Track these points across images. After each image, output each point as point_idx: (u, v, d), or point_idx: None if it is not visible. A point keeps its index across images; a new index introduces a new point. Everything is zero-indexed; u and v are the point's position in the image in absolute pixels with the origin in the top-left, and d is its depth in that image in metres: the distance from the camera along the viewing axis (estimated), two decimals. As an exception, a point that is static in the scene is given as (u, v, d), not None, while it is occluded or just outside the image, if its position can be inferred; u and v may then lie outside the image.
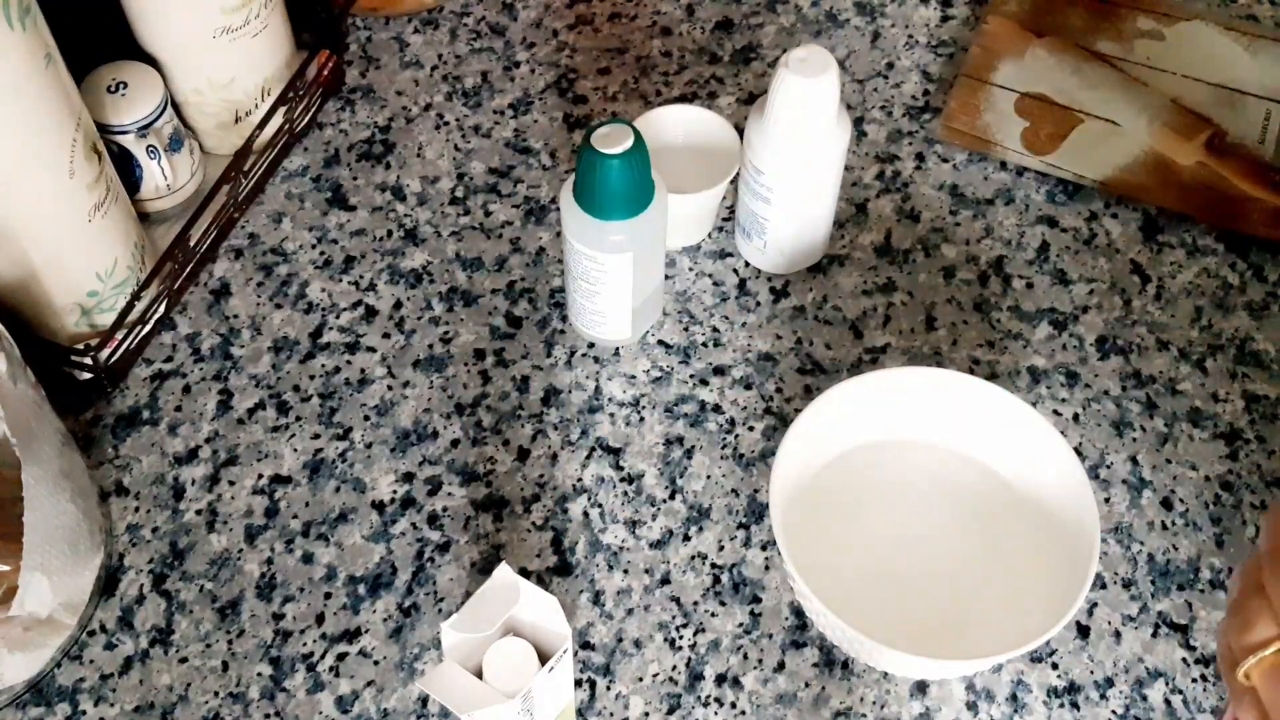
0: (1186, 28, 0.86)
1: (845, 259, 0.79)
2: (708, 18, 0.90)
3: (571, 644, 0.56)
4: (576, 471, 0.71)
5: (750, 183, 0.73)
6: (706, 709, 0.64)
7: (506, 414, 0.73)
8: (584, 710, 0.64)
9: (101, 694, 0.64)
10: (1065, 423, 0.72)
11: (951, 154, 0.83)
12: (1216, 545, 0.68)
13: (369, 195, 0.82)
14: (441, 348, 0.76)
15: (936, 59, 0.88)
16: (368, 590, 0.67)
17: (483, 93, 0.87)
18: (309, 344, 0.76)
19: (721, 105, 0.86)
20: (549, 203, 0.82)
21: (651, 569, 0.68)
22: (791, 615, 0.66)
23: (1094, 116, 0.83)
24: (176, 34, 0.75)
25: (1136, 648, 0.65)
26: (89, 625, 0.66)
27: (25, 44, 0.60)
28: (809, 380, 0.74)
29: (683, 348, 0.75)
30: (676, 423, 0.73)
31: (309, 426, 0.73)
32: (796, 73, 0.67)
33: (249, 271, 0.79)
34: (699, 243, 0.79)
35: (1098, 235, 0.80)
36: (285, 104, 0.81)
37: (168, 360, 0.75)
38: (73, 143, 0.65)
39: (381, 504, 0.70)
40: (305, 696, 0.64)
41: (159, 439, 0.72)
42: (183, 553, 0.69)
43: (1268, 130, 0.81)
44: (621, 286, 0.70)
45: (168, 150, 0.76)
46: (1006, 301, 0.77)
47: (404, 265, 0.79)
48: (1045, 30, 0.87)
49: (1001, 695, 0.64)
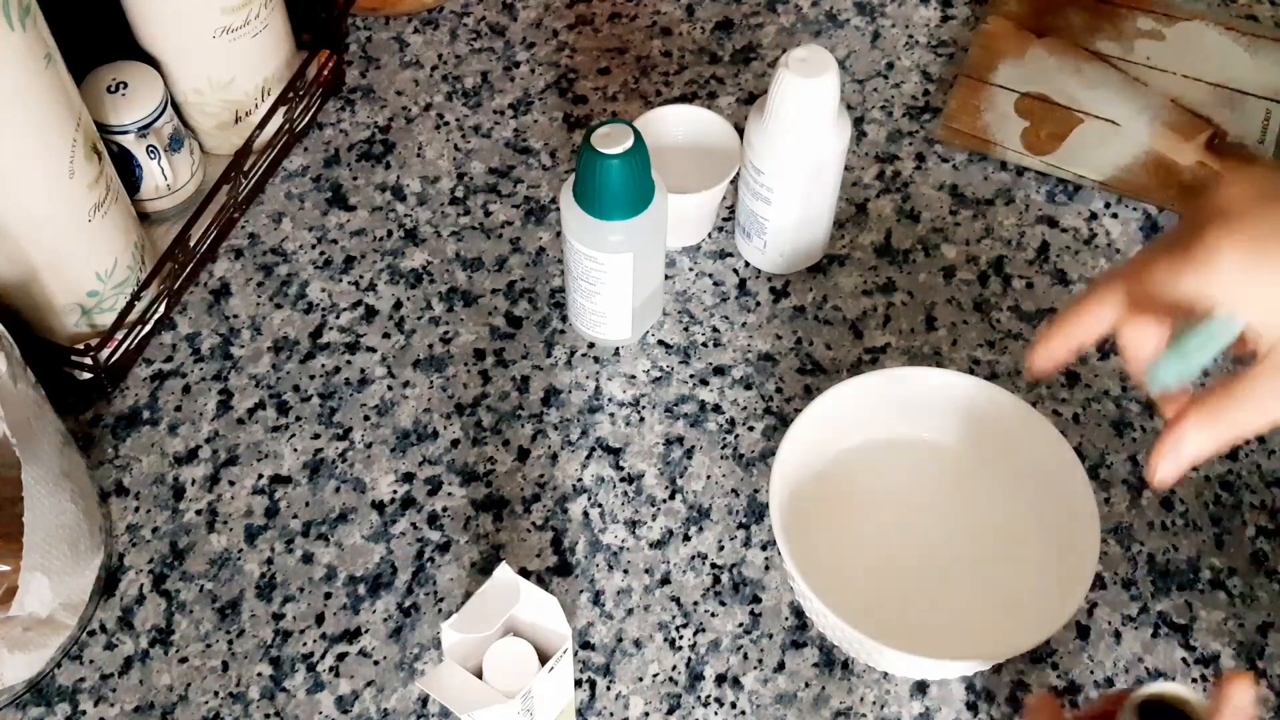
0: (1186, 27, 0.86)
1: (845, 259, 0.79)
2: (708, 18, 0.91)
3: (571, 644, 0.56)
4: (576, 471, 0.71)
5: (750, 183, 0.73)
6: (706, 709, 0.64)
7: (506, 414, 0.73)
8: (584, 710, 0.64)
9: (101, 694, 0.64)
10: (1065, 423, 0.72)
11: (951, 154, 0.83)
12: (1216, 545, 0.68)
13: (369, 195, 0.82)
14: (441, 348, 0.76)
15: (936, 59, 0.88)
16: (368, 590, 0.67)
17: (483, 93, 0.87)
18: (309, 344, 0.76)
19: (721, 105, 0.86)
20: (549, 203, 0.82)
21: (651, 569, 0.68)
22: (791, 615, 0.66)
23: (1094, 116, 0.83)
24: (176, 34, 0.75)
25: (1136, 648, 0.65)
26: (89, 625, 0.66)
27: (25, 44, 0.60)
28: (809, 380, 0.74)
29: (683, 348, 0.75)
30: (676, 423, 0.73)
31: (309, 426, 0.73)
32: (796, 73, 0.67)
33: (249, 271, 0.79)
34: (699, 243, 0.79)
35: (1098, 235, 0.80)
36: (285, 104, 0.81)
37: (168, 360, 0.75)
38: (73, 143, 0.65)
39: (381, 504, 0.70)
40: (305, 696, 0.64)
41: (159, 439, 0.72)
42: (183, 553, 0.69)
43: (1268, 130, 0.81)
44: (621, 286, 0.70)
45: (168, 150, 0.76)
46: (1006, 301, 0.77)
47: (404, 265, 0.79)
48: (1045, 30, 0.87)
49: (1001, 695, 0.64)
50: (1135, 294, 0.52)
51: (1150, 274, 0.50)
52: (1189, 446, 0.50)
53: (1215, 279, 0.48)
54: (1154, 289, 0.50)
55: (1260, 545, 0.68)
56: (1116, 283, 0.52)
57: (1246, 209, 0.49)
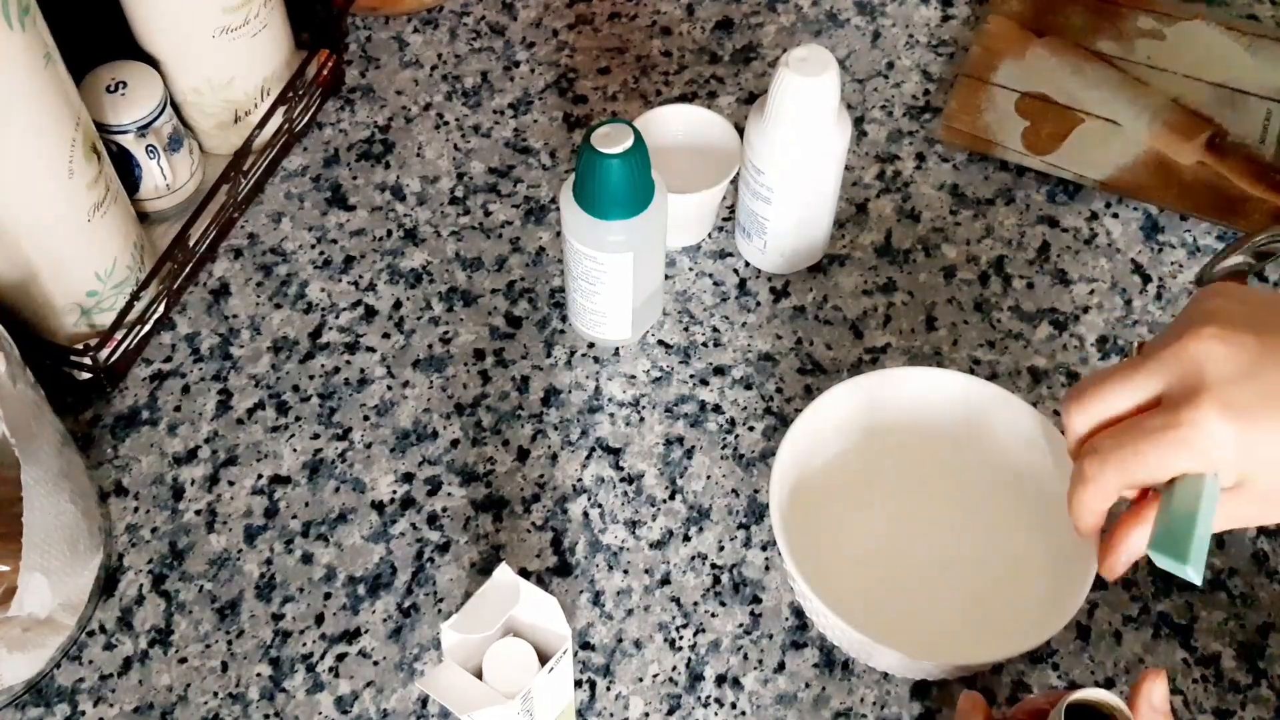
0: (1187, 27, 0.86)
1: (845, 259, 0.79)
2: (708, 18, 0.90)
3: (571, 644, 0.56)
4: (576, 471, 0.71)
5: (750, 183, 0.73)
6: (706, 709, 0.64)
7: (506, 414, 0.73)
8: (584, 710, 0.64)
9: (101, 694, 0.64)
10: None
11: (952, 154, 0.83)
12: (1217, 545, 0.68)
13: (369, 195, 0.82)
14: (441, 348, 0.76)
15: (937, 59, 0.88)
16: (367, 590, 0.67)
17: (483, 92, 0.87)
18: (308, 344, 0.76)
19: (721, 105, 0.86)
20: (549, 203, 0.82)
21: (651, 569, 0.68)
22: (791, 615, 0.66)
23: (1094, 116, 0.83)
24: (176, 34, 0.75)
25: (1136, 648, 0.65)
26: (88, 625, 0.66)
27: (25, 44, 0.60)
28: (809, 380, 0.74)
29: (683, 348, 0.75)
30: (676, 423, 0.73)
31: (308, 426, 0.73)
32: (796, 72, 0.67)
33: (248, 271, 0.79)
34: (699, 243, 0.79)
35: (1098, 235, 0.80)
36: (285, 104, 0.81)
37: (167, 360, 0.75)
38: (72, 142, 0.65)
39: (381, 504, 0.70)
40: (305, 697, 0.64)
41: (158, 439, 0.72)
42: (182, 553, 0.69)
43: (1268, 130, 0.81)
44: (621, 286, 0.70)
45: (167, 150, 0.76)
46: (1007, 301, 0.77)
47: (404, 265, 0.79)
48: (1046, 30, 0.87)
49: (1002, 695, 0.64)
50: (1128, 482, 0.51)
51: (1142, 461, 0.49)
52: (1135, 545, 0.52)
53: (1213, 456, 0.48)
54: (1147, 475, 0.50)
55: (1260, 545, 0.68)
56: (1110, 476, 0.51)
57: (1232, 377, 0.48)
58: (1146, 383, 0.50)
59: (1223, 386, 0.48)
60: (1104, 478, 0.51)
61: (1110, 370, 0.52)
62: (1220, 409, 0.48)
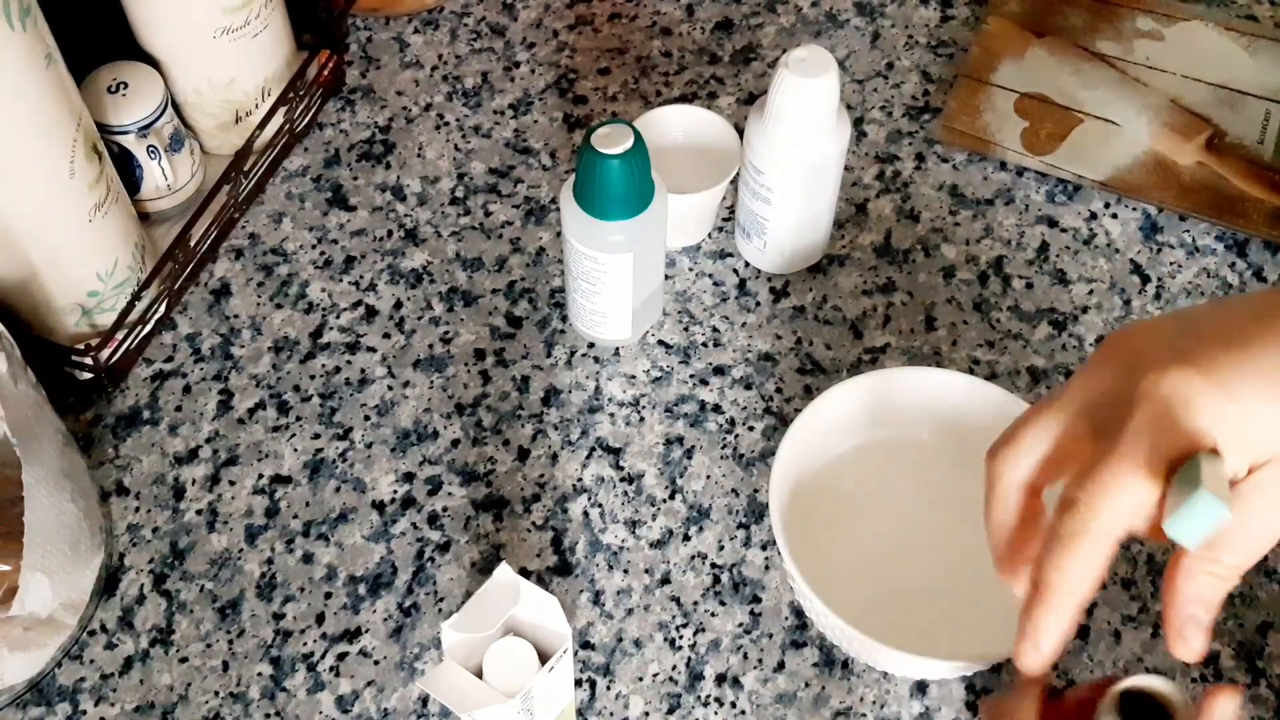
0: (1186, 28, 0.87)
1: (845, 259, 0.79)
2: (708, 18, 0.91)
3: (571, 644, 0.56)
4: (576, 471, 0.71)
5: (750, 183, 0.73)
6: (706, 709, 0.64)
7: (506, 414, 0.73)
8: (584, 710, 0.64)
9: (102, 694, 0.64)
10: (1065, 423, 0.72)
11: (951, 154, 0.83)
12: (1216, 545, 0.68)
13: (369, 195, 0.82)
14: (441, 348, 0.76)
15: (936, 59, 0.88)
16: (368, 590, 0.67)
17: (483, 93, 0.87)
18: (309, 344, 0.76)
19: (721, 105, 0.86)
20: (549, 203, 0.82)
21: (651, 569, 0.68)
22: (791, 615, 0.66)
23: (1094, 116, 0.83)
24: (177, 34, 0.75)
25: (1136, 648, 0.65)
26: (89, 625, 0.66)
27: (25, 44, 0.60)
28: (809, 380, 0.74)
29: (683, 348, 0.75)
30: (676, 423, 0.73)
31: (309, 426, 0.73)
32: (796, 73, 0.67)
33: (249, 271, 0.79)
34: (699, 243, 0.79)
35: (1097, 235, 0.80)
36: (285, 104, 0.81)
37: (168, 360, 0.75)
38: (73, 143, 0.65)
39: (381, 504, 0.70)
40: (305, 696, 0.64)
41: (159, 439, 0.72)
42: (183, 553, 0.69)
43: (1267, 130, 0.81)
44: (621, 286, 0.70)
45: (168, 150, 0.76)
46: (1006, 301, 0.77)
47: (404, 265, 0.79)
48: (1045, 30, 0.87)
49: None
50: (1122, 515, 0.46)
51: (1120, 474, 0.45)
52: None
53: (1193, 410, 0.43)
54: (1133, 491, 0.45)
55: (1260, 545, 0.68)
56: (1102, 513, 0.45)
57: (1168, 341, 0.44)
58: (1076, 395, 0.47)
59: (1164, 350, 0.44)
60: (1097, 519, 0.45)
61: (1022, 414, 0.48)
62: (1178, 362, 0.43)
